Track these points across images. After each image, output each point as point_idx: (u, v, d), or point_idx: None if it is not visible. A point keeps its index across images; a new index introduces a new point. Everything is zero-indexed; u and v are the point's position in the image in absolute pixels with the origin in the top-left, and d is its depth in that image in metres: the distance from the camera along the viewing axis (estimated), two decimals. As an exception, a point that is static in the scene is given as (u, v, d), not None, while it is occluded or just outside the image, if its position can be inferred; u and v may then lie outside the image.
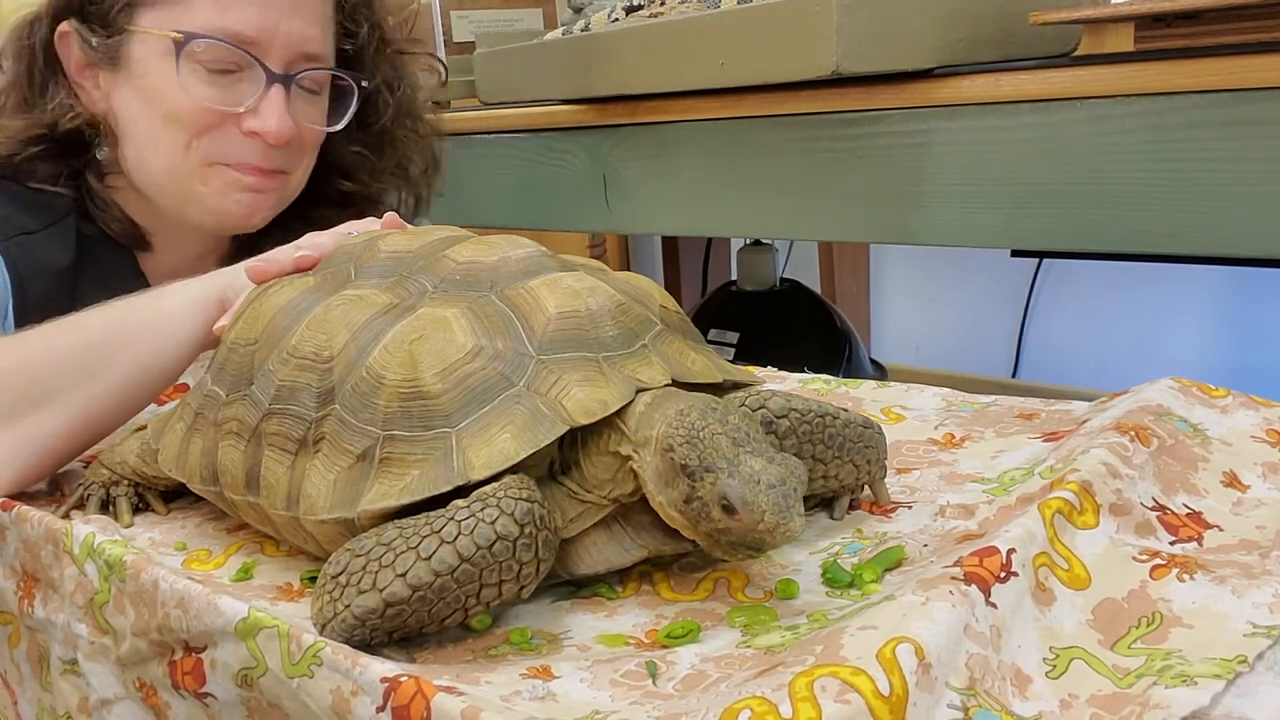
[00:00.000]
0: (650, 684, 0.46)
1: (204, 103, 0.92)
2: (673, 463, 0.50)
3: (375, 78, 1.05)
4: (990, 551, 0.48)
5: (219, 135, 0.94)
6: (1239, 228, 0.83)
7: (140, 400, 0.76)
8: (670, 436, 0.51)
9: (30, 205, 0.94)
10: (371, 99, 1.06)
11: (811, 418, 0.59)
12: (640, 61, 1.15)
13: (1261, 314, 1.77)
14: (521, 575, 0.50)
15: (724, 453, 0.49)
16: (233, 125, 0.94)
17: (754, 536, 0.49)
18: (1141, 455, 0.59)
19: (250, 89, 0.94)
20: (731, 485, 0.48)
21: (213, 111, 0.93)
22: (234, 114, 0.93)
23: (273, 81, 0.93)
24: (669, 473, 0.51)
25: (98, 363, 0.73)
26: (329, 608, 0.50)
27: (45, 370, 0.73)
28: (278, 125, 0.93)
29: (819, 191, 1.07)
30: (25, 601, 0.67)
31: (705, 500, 0.49)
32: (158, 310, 0.76)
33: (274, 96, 0.93)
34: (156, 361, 0.75)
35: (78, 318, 0.76)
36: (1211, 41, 0.97)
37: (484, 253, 0.62)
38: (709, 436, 0.50)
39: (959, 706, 0.40)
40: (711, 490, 0.49)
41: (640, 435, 0.53)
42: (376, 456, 0.54)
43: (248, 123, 0.94)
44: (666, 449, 0.51)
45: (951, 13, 0.97)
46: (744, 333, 1.77)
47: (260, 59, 0.93)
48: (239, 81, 0.93)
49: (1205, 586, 0.49)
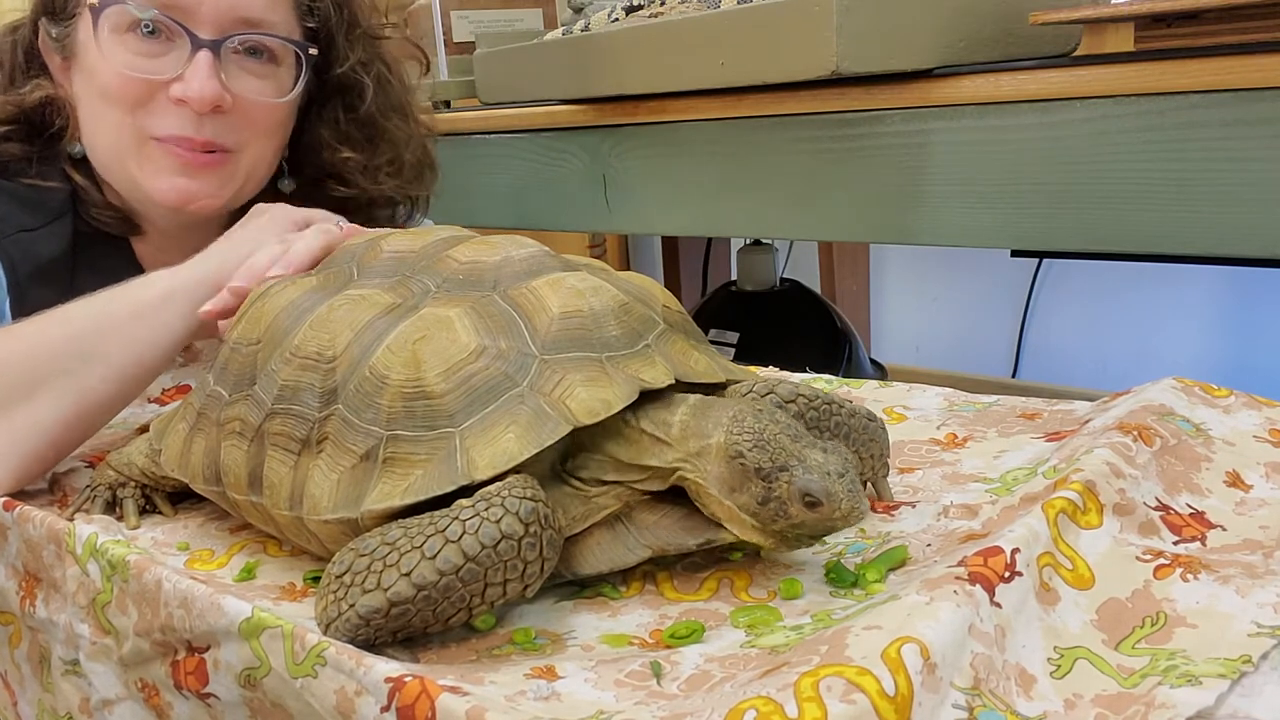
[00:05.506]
0: (655, 684, 0.46)
1: (128, 70, 0.90)
2: (743, 468, 0.51)
3: (346, 60, 1.02)
4: (994, 551, 0.48)
5: (151, 109, 0.91)
6: (1239, 228, 0.84)
7: (133, 388, 0.76)
8: (736, 443, 0.52)
9: (28, 203, 0.94)
10: (351, 84, 1.03)
11: (819, 403, 0.59)
12: (640, 61, 1.15)
13: (1261, 314, 1.77)
14: (526, 575, 0.50)
15: (790, 450, 0.51)
16: (163, 95, 0.91)
17: (828, 524, 0.51)
18: (1144, 455, 0.59)
19: (178, 57, 0.90)
20: (812, 480, 0.50)
21: (138, 80, 0.90)
22: (162, 83, 0.90)
23: (199, 46, 0.90)
24: (738, 478, 0.52)
25: (89, 352, 0.73)
26: (333, 607, 0.50)
27: (37, 361, 0.73)
28: (200, 90, 0.89)
29: (819, 191, 1.07)
30: (27, 601, 0.67)
31: (783, 499, 0.51)
32: (145, 298, 0.76)
33: (200, 61, 0.90)
34: (147, 349, 0.75)
35: (66, 309, 0.76)
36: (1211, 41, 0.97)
37: (487, 252, 0.62)
38: (772, 437, 0.51)
39: (964, 706, 0.40)
40: (789, 488, 0.50)
41: (692, 446, 0.53)
42: (380, 456, 0.54)
43: (173, 89, 0.90)
44: (734, 455, 0.51)
45: (951, 13, 0.97)
46: (744, 333, 1.78)
47: (184, 24, 0.90)
48: (169, 51, 0.91)
49: (1209, 586, 0.49)
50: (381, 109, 1.06)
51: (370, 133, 1.05)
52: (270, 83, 0.96)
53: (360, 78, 1.03)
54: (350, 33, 1.02)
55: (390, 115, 1.07)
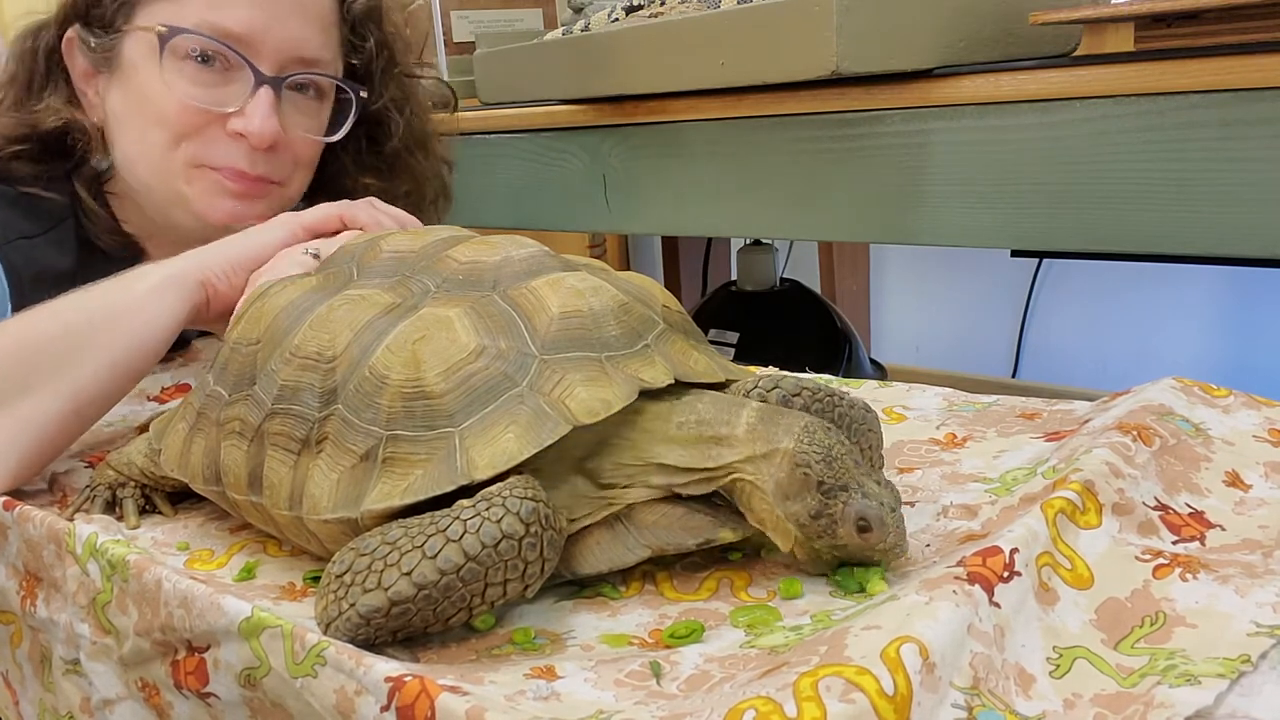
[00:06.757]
0: (654, 684, 0.46)
1: (189, 101, 0.90)
2: (806, 478, 0.52)
3: (383, 96, 1.04)
4: (993, 551, 0.48)
5: (205, 137, 0.92)
6: (1239, 228, 0.84)
7: (127, 382, 0.77)
8: (805, 453, 0.52)
9: (28, 210, 0.94)
10: (381, 120, 1.05)
11: (822, 396, 0.60)
12: (640, 61, 1.15)
13: (1261, 314, 1.77)
14: (527, 575, 0.50)
15: (853, 474, 0.52)
16: (219, 127, 0.92)
17: (870, 552, 0.52)
18: (1144, 455, 0.59)
19: (239, 90, 0.92)
20: (870, 506, 0.51)
21: (198, 111, 0.91)
22: (220, 115, 0.92)
23: (261, 83, 0.91)
24: (798, 487, 0.52)
25: (83, 346, 0.74)
26: (333, 607, 0.50)
27: (31, 357, 0.73)
28: (260, 126, 0.91)
29: (819, 191, 1.07)
30: (27, 601, 0.67)
31: (835, 517, 0.52)
32: (137, 291, 0.77)
33: (261, 98, 0.91)
34: (139, 342, 0.75)
35: (57, 304, 0.76)
36: (1211, 41, 0.97)
37: (487, 252, 0.62)
38: (839, 456, 0.52)
39: (963, 706, 0.41)
40: (844, 509, 0.51)
41: (759, 448, 0.53)
42: (380, 456, 0.54)
43: (233, 123, 0.92)
44: (800, 464, 0.52)
45: (951, 13, 0.97)
46: (744, 333, 1.78)
47: (249, 59, 0.91)
48: (229, 82, 0.92)
49: (1208, 586, 0.49)
50: (406, 144, 1.08)
51: (392, 164, 1.08)
52: (316, 120, 0.98)
53: (390, 114, 1.05)
54: (387, 71, 1.04)
55: (414, 150, 1.09)
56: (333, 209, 0.85)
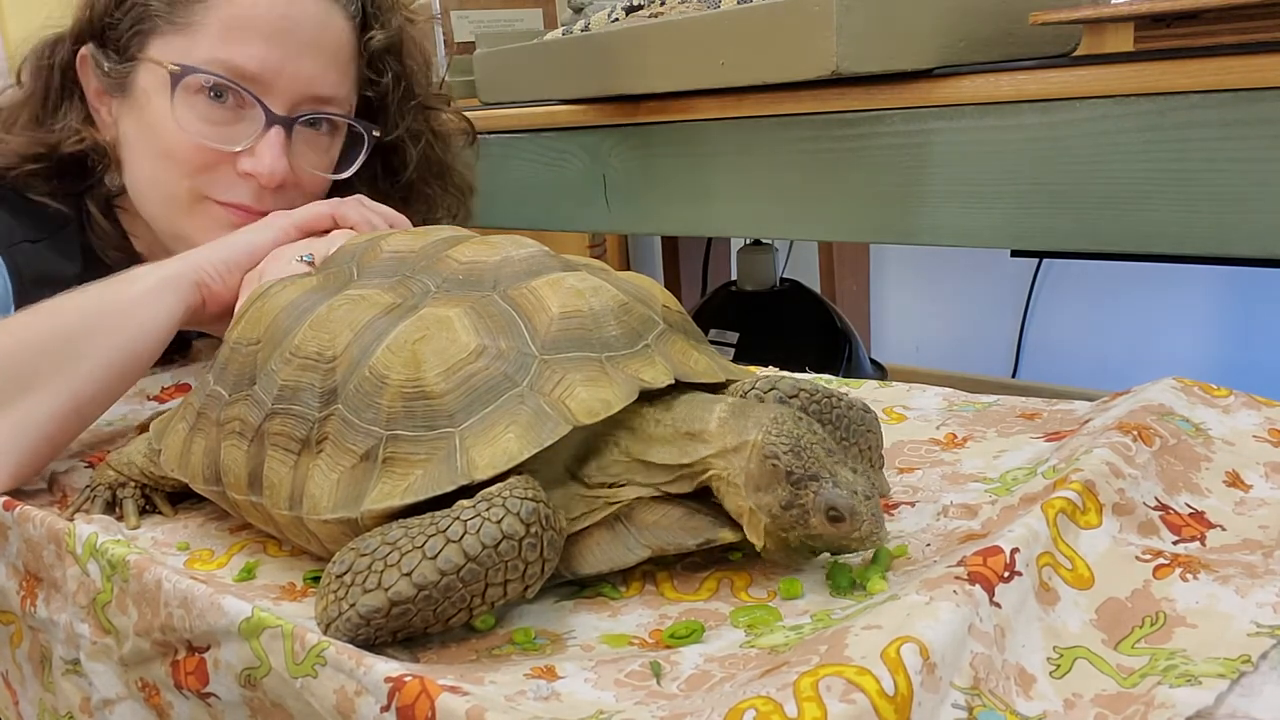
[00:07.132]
0: (655, 684, 0.46)
1: (199, 140, 0.89)
2: (775, 469, 0.51)
3: (397, 129, 1.02)
4: (994, 551, 0.48)
5: (214, 174, 0.91)
6: (1239, 228, 0.84)
7: (124, 382, 0.77)
8: (773, 444, 0.52)
9: (31, 217, 0.94)
10: (397, 151, 1.04)
11: (820, 397, 0.60)
12: (640, 61, 1.15)
13: (1261, 314, 1.77)
14: (527, 575, 0.50)
15: (823, 463, 0.51)
16: (229, 166, 0.91)
17: (844, 542, 0.52)
18: (1144, 455, 0.59)
19: (249, 128, 0.90)
20: (840, 495, 0.51)
21: (207, 149, 0.90)
22: (230, 153, 0.90)
23: (272, 122, 0.90)
24: (768, 479, 0.52)
25: (81, 346, 0.74)
26: (334, 607, 0.50)
27: (31, 356, 0.73)
28: (270, 167, 0.90)
29: (819, 191, 1.07)
30: (27, 601, 0.67)
31: (806, 508, 0.51)
32: (132, 292, 0.77)
33: (272, 138, 0.90)
34: (136, 343, 0.76)
35: (53, 304, 0.76)
36: (1211, 41, 0.97)
37: (487, 252, 0.62)
38: (808, 446, 0.52)
39: (963, 706, 0.41)
40: (815, 499, 0.51)
41: (730, 441, 0.53)
42: (380, 456, 0.54)
43: (243, 163, 0.90)
44: (769, 455, 0.52)
45: (951, 13, 0.97)
46: (744, 333, 1.78)
47: (261, 98, 0.89)
48: (239, 120, 0.90)
49: (1208, 586, 0.49)
50: (422, 175, 1.07)
51: (406, 194, 1.06)
52: (326, 156, 0.97)
53: (406, 146, 1.04)
54: (404, 103, 1.03)
55: (430, 181, 1.08)
56: (323, 208, 0.85)
